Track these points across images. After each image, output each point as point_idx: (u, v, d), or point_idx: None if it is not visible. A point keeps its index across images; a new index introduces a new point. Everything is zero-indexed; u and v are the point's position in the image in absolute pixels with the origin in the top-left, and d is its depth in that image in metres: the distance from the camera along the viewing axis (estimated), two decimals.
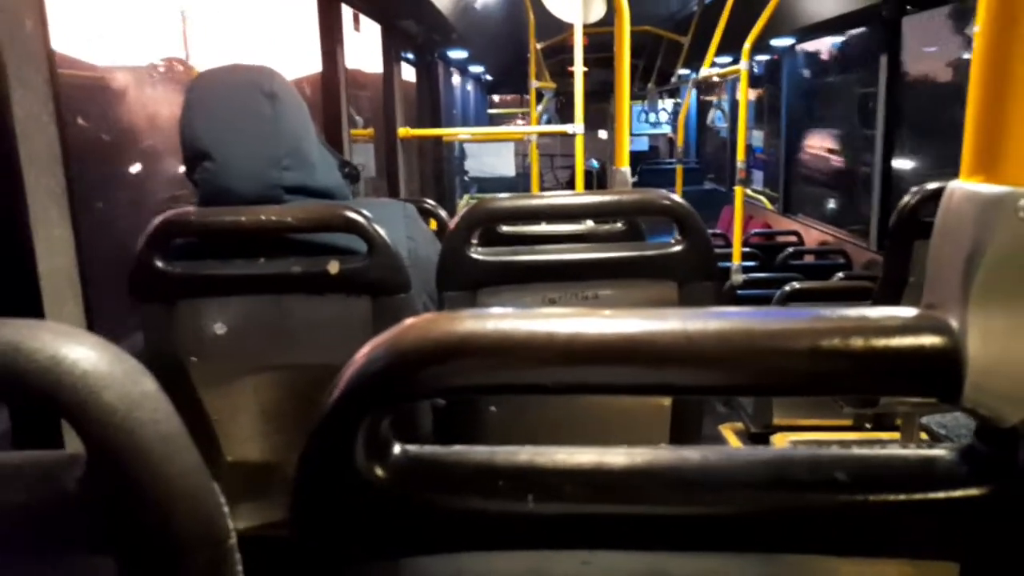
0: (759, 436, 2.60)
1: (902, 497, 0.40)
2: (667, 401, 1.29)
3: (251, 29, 3.40)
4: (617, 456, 0.43)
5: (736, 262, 3.51)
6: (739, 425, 2.87)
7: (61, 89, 1.14)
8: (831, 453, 0.42)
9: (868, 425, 2.43)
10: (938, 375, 0.38)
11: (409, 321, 0.42)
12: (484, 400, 1.32)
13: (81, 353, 0.41)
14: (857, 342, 0.38)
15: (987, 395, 0.37)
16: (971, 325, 0.37)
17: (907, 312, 0.39)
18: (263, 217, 1.15)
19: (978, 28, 0.37)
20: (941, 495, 0.40)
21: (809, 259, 4.16)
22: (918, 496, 0.40)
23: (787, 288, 2.55)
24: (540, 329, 0.39)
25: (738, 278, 3.46)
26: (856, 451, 0.42)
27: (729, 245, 4.00)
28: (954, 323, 0.38)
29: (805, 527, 0.42)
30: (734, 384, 0.39)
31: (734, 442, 2.78)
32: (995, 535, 0.41)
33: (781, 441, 2.41)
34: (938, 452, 0.41)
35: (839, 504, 0.41)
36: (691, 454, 0.43)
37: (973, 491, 0.40)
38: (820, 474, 0.41)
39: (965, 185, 0.39)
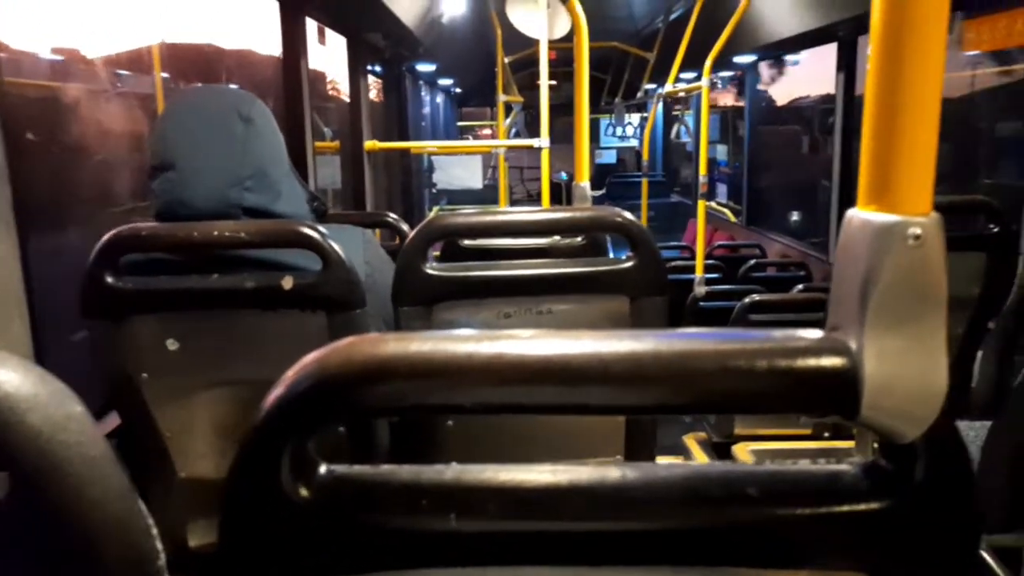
0: (721, 446, 2.64)
1: (808, 511, 0.42)
2: (621, 416, 1.30)
3: None
4: (540, 474, 0.44)
5: (699, 274, 3.56)
6: (702, 435, 2.91)
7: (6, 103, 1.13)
8: (743, 469, 0.44)
9: (827, 434, 2.48)
10: (837, 394, 0.40)
11: (333, 344, 0.43)
12: (440, 416, 1.33)
13: (3, 375, 0.41)
14: (762, 363, 0.39)
15: (882, 413, 0.39)
16: (867, 346, 0.39)
17: (810, 334, 0.41)
18: (215, 232, 1.14)
19: (869, 67, 0.40)
20: (846, 508, 0.42)
21: (771, 271, 4.24)
22: (824, 510, 0.42)
23: (747, 300, 2.60)
24: (460, 351, 0.41)
25: (701, 290, 3.51)
26: (768, 467, 0.44)
27: (694, 257, 4.06)
28: (852, 344, 0.40)
29: (720, 540, 0.44)
30: (644, 404, 0.40)
31: (697, 452, 2.81)
32: (898, 546, 0.43)
33: (742, 450, 2.45)
34: (843, 468, 0.43)
35: (751, 518, 0.43)
36: (611, 472, 0.44)
37: (875, 505, 0.42)
38: (733, 489, 0.43)
39: (861, 213, 0.41)
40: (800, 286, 3.49)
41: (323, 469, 0.44)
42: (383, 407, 0.41)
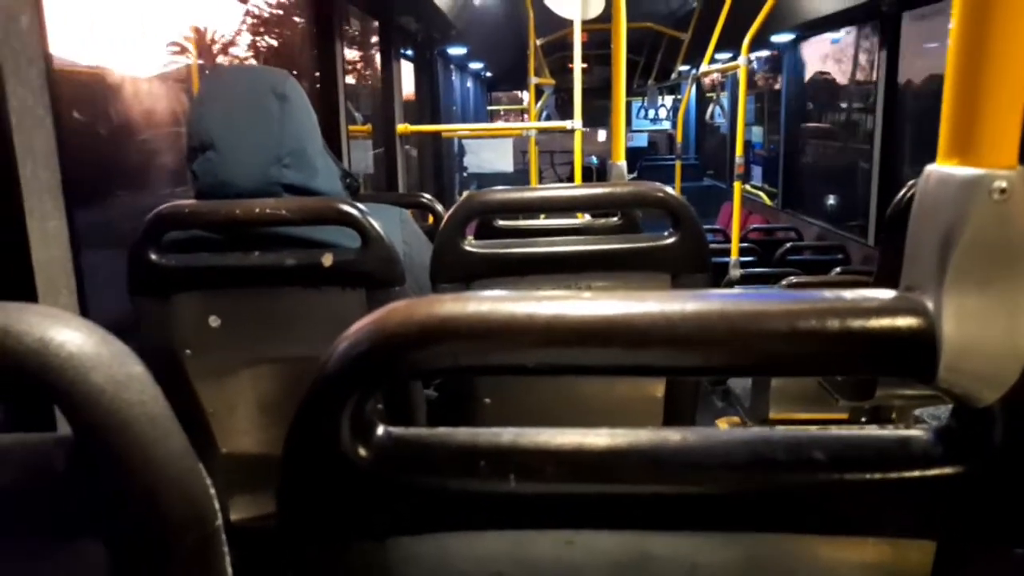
0: None
1: (879, 476, 0.41)
2: (660, 392, 1.29)
3: None
4: (599, 437, 0.43)
5: (734, 257, 3.51)
6: (735, 419, 2.88)
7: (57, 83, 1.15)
8: (810, 434, 0.42)
9: (864, 419, 2.44)
10: (913, 355, 0.38)
11: (392, 304, 0.42)
12: (478, 392, 1.33)
13: (68, 335, 0.41)
14: (833, 323, 0.38)
15: (961, 376, 0.38)
16: (946, 306, 0.38)
17: (884, 294, 0.40)
18: (257, 210, 1.15)
19: (953, 12, 0.38)
20: (917, 474, 0.41)
21: (807, 255, 4.16)
22: (894, 475, 0.41)
23: (784, 283, 2.55)
24: (521, 311, 0.40)
25: (736, 273, 3.46)
26: (834, 431, 0.42)
27: (728, 241, 4.01)
28: (930, 304, 0.39)
29: (784, 506, 0.42)
30: (712, 365, 0.39)
31: None
32: (971, 514, 0.41)
33: None
34: (915, 433, 0.42)
35: (817, 483, 0.42)
36: (672, 435, 0.43)
37: (948, 470, 0.40)
38: (799, 454, 0.42)
39: (941, 168, 0.39)
40: (838, 269, 3.42)
41: (381, 430, 0.44)
42: (443, 366, 0.41)
